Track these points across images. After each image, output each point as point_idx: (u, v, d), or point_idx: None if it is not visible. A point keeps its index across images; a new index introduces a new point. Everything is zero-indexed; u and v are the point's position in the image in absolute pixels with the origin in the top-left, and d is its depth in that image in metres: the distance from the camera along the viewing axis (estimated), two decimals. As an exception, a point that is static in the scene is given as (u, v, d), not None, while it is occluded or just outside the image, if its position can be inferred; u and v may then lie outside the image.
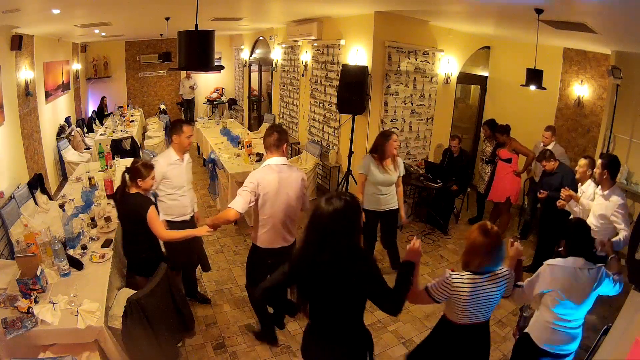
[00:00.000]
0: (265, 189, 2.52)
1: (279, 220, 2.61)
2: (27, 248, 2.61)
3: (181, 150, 3.06)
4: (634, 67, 4.08)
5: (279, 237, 2.66)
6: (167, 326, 2.51)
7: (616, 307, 3.43)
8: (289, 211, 2.62)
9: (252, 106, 10.29)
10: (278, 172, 2.56)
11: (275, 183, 2.54)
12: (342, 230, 1.61)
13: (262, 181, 2.52)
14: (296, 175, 2.64)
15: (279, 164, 2.59)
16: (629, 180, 4.35)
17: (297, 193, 2.62)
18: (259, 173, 2.55)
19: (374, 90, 4.90)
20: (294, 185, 2.61)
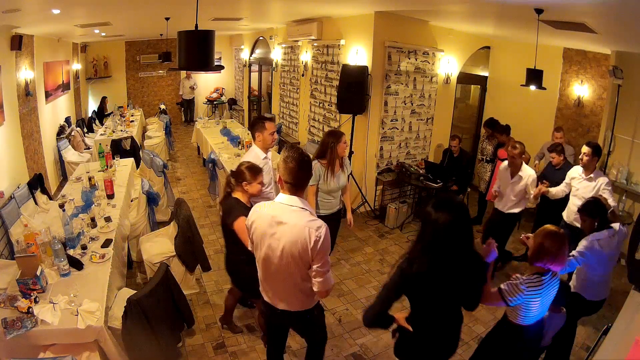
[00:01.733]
0: (255, 231, 1.87)
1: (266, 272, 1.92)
2: (27, 248, 2.61)
3: (265, 147, 3.04)
4: (634, 67, 4.09)
5: (273, 294, 1.96)
6: (167, 326, 2.51)
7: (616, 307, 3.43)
8: (282, 276, 1.86)
9: (252, 106, 10.29)
10: (272, 216, 1.79)
11: (261, 226, 1.82)
12: (460, 239, 1.62)
13: (255, 219, 1.86)
14: (301, 228, 1.73)
15: (288, 205, 1.79)
16: (629, 180, 4.35)
17: (297, 257, 1.77)
18: (256, 208, 1.89)
19: (374, 90, 4.90)
20: (294, 244, 1.75)
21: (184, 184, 6.52)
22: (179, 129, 10.63)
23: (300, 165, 1.76)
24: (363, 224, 5.15)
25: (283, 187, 1.81)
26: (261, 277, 1.95)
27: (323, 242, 1.73)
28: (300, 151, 1.80)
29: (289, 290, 1.90)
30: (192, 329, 3.03)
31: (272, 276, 1.88)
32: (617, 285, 3.96)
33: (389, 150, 5.33)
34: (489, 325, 3.28)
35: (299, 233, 1.73)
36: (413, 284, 1.70)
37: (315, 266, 1.77)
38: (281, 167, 1.79)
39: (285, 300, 1.93)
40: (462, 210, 1.64)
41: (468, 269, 1.67)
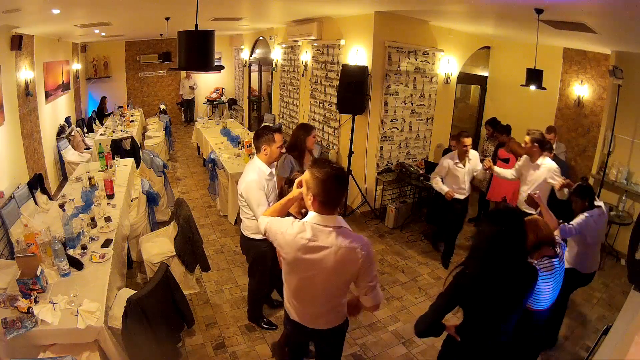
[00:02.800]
0: (284, 248, 1.70)
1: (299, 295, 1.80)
2: (27, 248, 2.61)
3: (270, 162, 2.69)
4: (634, 67, 4.09)
5: (306, 315, 1.84)
6: (167, 326, 2.51)
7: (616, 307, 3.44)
8: (323, 299, 1.77)
9: (252, 106, 10.29)
10: (308, 240, 1.63)
11: (297, 251, 1.65)
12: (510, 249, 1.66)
13: (285, 235, 1.68)
14: (346, 251, 1.61)
15: (320, 225, 1.63)
16: (629, 180, 4.35)
17: (343, 279, 1.70)
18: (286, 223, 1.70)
19: (374, 90, 4.90)
20: (339, 269, 1.64)
21: (184, 184, 6.52)
22: (179, 129, 10.63)
23: (337, 180, 1.60)
24: (363, 224, 5.15)
25: (314, 205, 1.63)
26: (294, 301, 1.81)
27: (370, 257, 1.65)
28: (334, 165, 1.63)
29: (327, 310, 1.79)
30: (192, 329, 3.03)
31: (310, 300, 1.77)
32: (617, 285, 3.96)
33: (389, 150, 5.33)
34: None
35: (345, 256, 1.61)
36: (467, 293, 1.74)
37: (366, 283, 1.69)
38: (313, 184, 1.60)
39: (320, 318, 1.82)
40: (513, 222, 1.67)
41: (519, 279, 1.71)
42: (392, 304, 3.55)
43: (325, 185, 1.58)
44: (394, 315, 3.39)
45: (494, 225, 1.67)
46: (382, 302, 2.00)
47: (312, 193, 1.62)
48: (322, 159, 1.70)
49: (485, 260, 1.67)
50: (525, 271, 1.73)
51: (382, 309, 3.45)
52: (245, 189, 2.56)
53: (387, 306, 3.51)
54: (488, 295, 1.69)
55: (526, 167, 3.57)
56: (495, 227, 1.67)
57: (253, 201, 2.53)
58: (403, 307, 3.50)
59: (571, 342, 3.08)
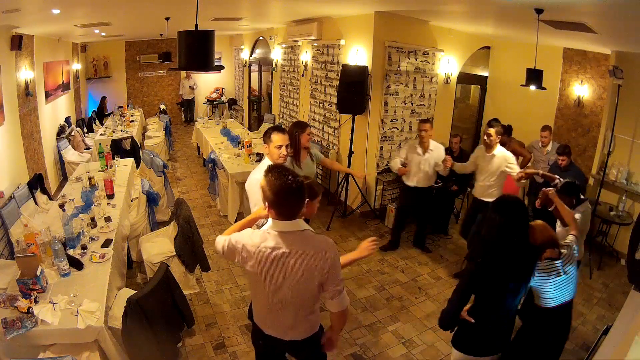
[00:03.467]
0: (248, 261, 1.62)
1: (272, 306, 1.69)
2: (27, 248, 2.62)
3: (274, 161, 2.55)
4: (634, 67, 4.09)
5: (282, 326, 1.74)
6: (167, 326, 2.52)
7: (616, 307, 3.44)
8: (295, 307, 1.68)
9: (252, 106, 10.29)
10: (272, 248, 1.58)
11: (262, 262, 1.59)
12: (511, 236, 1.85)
13: (247, 247, 1.62)
14: (313, 254, 1.58)
15: (282, 232, 1.58)
16: (629, 180, 4.35)
17: (313, 284, 1.62)
18: (246, 235, 1.66)
19: (374, 90, 4.90)
20: (308, 273, 1.58)
21: (184, 184, 6.52)
22: (179, 129, 10.63)
23: (292, 194, 1.52)
24: (363, 223, 5.15)
25: (271, 213, 1.57)
26: (264, 313, 1.73)
27: (336, 259, 1.62)
28: (290, 177, 1.52)
29: (300, 319, 1.71)
30: (192, 329, 3.03)
31: (281, 310, 1.68)
32: (617, 285, 3.97)
33: (389, 150, 5.33)
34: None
35: (312, 259, 1.56)
36: (481, 280, 1.90)
37: (333, 287, 1.63)
38: (268, 192, 1.53)
39: (296, 328, 1.73)
40: (517, 212, 1.86)
41: (523, 261, 1.90)
42: (392, 304, 3.55)
43: (279, 197, 1.52)
44: (394, 315, 3.39)
45: (501, 216, 1.85)
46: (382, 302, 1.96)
47: (267, 202, 1.57)
48: (279, 167, 1.59)
49: (495, 247, 1.85)
50: (528, 253, 1.94)
51: (382, 309, 3.45)
52: (248, 187, 2.53)
53: (387, 306, 3.51)
54: (499, 278, 1.85)
55: (482, 158, 3.75)
56: (502, 217, 1.84)
57: (251, 200, 2.48)
58: (403, 307, 3.50)
59: (571, 342, 3.08)
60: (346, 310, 1.74)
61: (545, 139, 4.52)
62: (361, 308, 3.47)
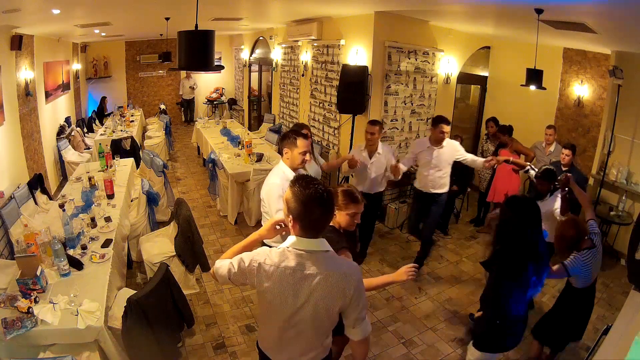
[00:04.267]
0: (265, 282, 1.47)
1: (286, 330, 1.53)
2: (27, 248, 2.61)
3: (294, 168, 2.51)
4: (634, 67, 4.09)
5: (285, 349, 1.59)
6: (167, 326, 2.52)
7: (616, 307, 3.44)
8: (310, 334, 1.53)
9: (252, 106, 10.29)
10: (293, 269, 1.43)
11: (282, 283, 1.44)
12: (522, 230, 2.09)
13: (264, 267, 1.46)
14: (338, 277, 1.43)
15: (306, 251, 1.44)
16: (629, 180, 4.35)
17: (333, 309, 1.46)
18: (262, 253, 1.50)
19: (374, 90, 4.90)
20: (330, 297, 1.43)
21: (184, 184, 6.52)
22: (179, 129, 10.63)
23: (322, 204, 1.38)
24: (363, 224, 5.14)
25: (295, 228, 1.43)
26: (275, 337, 1.57)
27: (361, 284, 1.49)
28: (319, 186, 1.40)
29: (312, 345, 1.56)
30: (192, 329, 3.03)
31: (295, 335, 1.52)
32: (617, 285, 3.96)
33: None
34: (489, 325, 3.28)
35: (336, 283, 1.42)
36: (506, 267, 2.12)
37: (356, 314, 1.49)
38: (293, 204, 1.40)
39: (306, 354, 1.58)
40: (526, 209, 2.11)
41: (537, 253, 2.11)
42: (392, 304, 3.55)
43: (308, 208, 1.38)
44: (394, 315, 3.39)
45: (511, 212, 2.12)
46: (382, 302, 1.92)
47: (292, 215, 1.42)
48: (306, 176, 1.46)
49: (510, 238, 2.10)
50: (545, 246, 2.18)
51: (382, 309, 3.45)
52: (267, 193, 2.42)
53: (387, 306, 3.50)
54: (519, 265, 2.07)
55: (428, 153, 3.74)
56: (512, 213, 2.11)
57: (273, 207, 2.37)
58: (403, 307, 3.50)
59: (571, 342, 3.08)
60: (368, 339, 1.59)
61: (550, 137, 4.51)
62: (361, 308, 3.47)
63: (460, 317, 3.38)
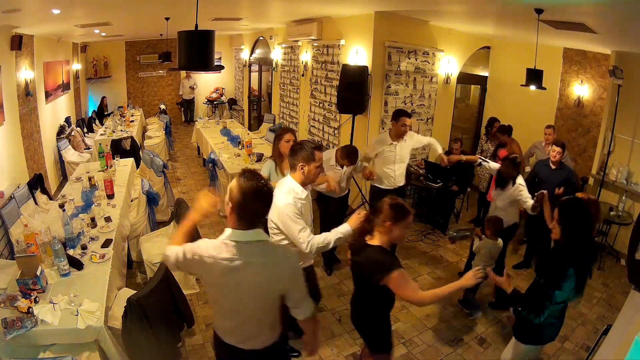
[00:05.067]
0: (206, 274, 1.59)
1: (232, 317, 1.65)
2: (27, 248, 2.62)
3: (305, 183, 2.31)
4: (634, 67, 4.09)
5: (241, 335, 1.68)
6: (167, 326, 2.51)
7: (616, 307, 3.44)
8: (256, 318, 1.64)
9: (252, 106, 10.29)
10: (230, 260, 1.51)
11: (221, 274, 1.53)
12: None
13: (204, 259, 1.54)
14: (275, 264, 1.56)
15: (246, 242, 1.53)
16: (629, 180, 4.35)
17: (274, 294, 1.60)
18: (202, 246, 1.57)
19: (374, 90, 4.90)
20: (269, 283, 1.56)
21: (184, 184, 6.52)
22: (179, 129, 10.63)
23: (260, 197, 1.49)
24: (363, 224, 5.14)
25: (231, 218, 1.53)
26: (224, 323, 1.69)
27: (297, 269, 1.61)
28: (263, 180, 1.51)
29: (259, 329, 1.67)
30: (192, 329, 3.03)
31: (241, 321, 1.63)
32: (617, 285, 3.96)
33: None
34: (489, 325, 3.28)
35: (272, 271, 1.54)
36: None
37: (295, 296, 1.63)
38: (235, 193, 1.49)
39: (257, 338, 1.68)
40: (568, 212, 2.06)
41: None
42: (392, 304, 3.54)
43: (247, 200, 1.47)
44: (394, 315, 3.36)
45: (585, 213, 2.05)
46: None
47: (232, 203, 1.51)
48: (252, 170, 1.55)
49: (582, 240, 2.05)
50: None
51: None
52: (280, 217, 2.19)
53: (387, 306, 3.50)
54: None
55: (390, 147, 3.70)
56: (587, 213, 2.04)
57: (294, 229, 2.16)
58: (403, 307, 3.50)
59: (571, 342, 3.08)
60: (312, 317, 1.72)
61: (549, 136, 4.49)
62: (361, 308, 3.47)
63: (461, 317, 3.38)
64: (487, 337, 3.17)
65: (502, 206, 3.44)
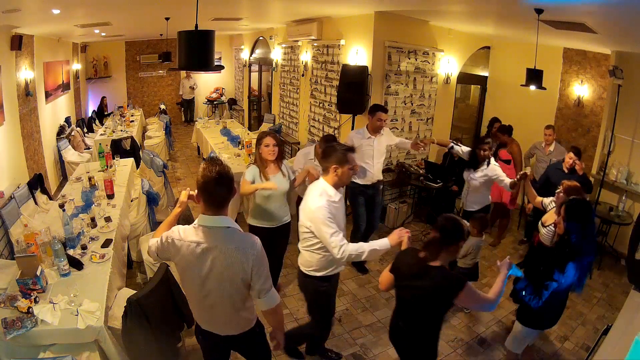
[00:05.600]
0: (176, 256, 1.68)
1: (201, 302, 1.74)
2: (27, 248, 2.62)
3: (338, 186, 2.27)
4: (634, 67, 4.09)
5: (215, 322, 1.80)
6: (167, 326, 2.51)
7: (616, 307, 3.44)
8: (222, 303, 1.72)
9: (252, 106, 10.29)
10: (196, 243, 1.63)
11: (187, 256, 1.64)
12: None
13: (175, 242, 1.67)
14: (234, 250, 1.61)
15: (212, 227, 1.64)
16: (629, 180, 4.35)
17: (237, 281, 1.65)
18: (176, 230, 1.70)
19: (374, 90, 4.90)
20: (230, 269, 1.63)
21: (184, 184, 6.52)
22: (179, 129, 10.63)
23: (218, 182, 1.58)
24: (363, 224, 5.14)
25: (200, 204, 1.66)
26: (196, 308, 1.79)
27: (261, 258, 1.64)
28: (220, 166, 1.60)
29: (230, 314, 1.74)
30: (192, 329, 3.01)
31: (211, 306, 1.71)
32: (617, 285, 3.97)
33: (389, 150, 5.32)
34: (489, 325, 3.28)
35: (234, 256, 1.60)
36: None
37: (259, 285, 1.66)
38: (200, 181, 1.60)
39: (229, 324, 1.78)
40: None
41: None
42: (392, 303, 3.51)
43: (208, 185, 1.59)
44: (394, 315, 3.38)
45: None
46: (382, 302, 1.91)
47: (198, 190, 1.65)
48: (212, 158, 1.68)
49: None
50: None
51: (382, 309, 3.45)
52: (314, 220, 2.15)
53: (387, 306, 3.50)
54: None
55: (368, 141, 3.71)
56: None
57: (325, 234, 2.11)
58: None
59: (571, 342, 3.08)
60: (277, 309, 1.76)
61: (549, 137, 4.51)
62: (361, 308, 3.47)
63: (460, 317, 3.38)
64: (487, 337, 3.17)
65: (476, 187, 3.57)
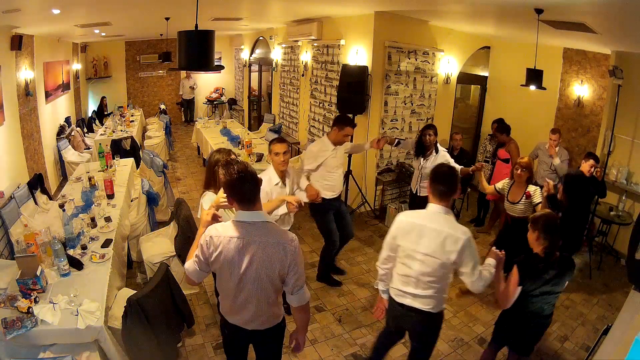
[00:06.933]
0: (214, 252, 1.68)
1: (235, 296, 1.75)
2: (27, 248, 2.62)
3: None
4: (634, 67, 4.08)
5: (237, 313, 1.80)
6: (167, 326, 2.52)
7: (616, 307, 3.44)
8: (257, 297, 1.72)
9: (252, 106, 10.30)
10: (235, 238, 1.65)
11: (225, 250, 1.65)
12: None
13: (213, 239, 1.67)
14: (275, 245, 1.64)
15: (251, 222, 1.66)
16: (629, 180, 4.35)
17: (274, 275, 1.67)
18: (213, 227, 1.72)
19: (374, 90, 4.90)
20: (270, 263, 1.65)
21: (184, 184, 6.52)
22: (179, 129, 10.63)
23: (242, 180, 1.62)
24: (363, 224, 5.14)
25: (234, 205, 1.69)
26: (228, 302, 1.78)
27: (298, 253, 1.68)
28: (237, 165, 1.66)
29: (262, 309, 1.75)
30: (192, 329, 3.03)
31: (244, 300, 1.73)
32: (617, 285, 3.96)
33: (389, 150, 5.33)
34: (489, 325, 3.28)
35: (273, 251, 1.63)
36: None
37: (293, 280, 1.70)
38: (225, 186, 1.67)
39: (258, 319, 1.79)
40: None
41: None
42: (392, 304, 3.54)
43: (234, 186, 1.64)
44: (394, 315, 3.38)
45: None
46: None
47: (226, 192, 1.69)
48: (229, 161, 1.79)
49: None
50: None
51: (382, 309, 3.44)
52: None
53: (387, 306, 3.50)
54: None
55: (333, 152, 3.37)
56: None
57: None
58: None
59: (571, 342, 3.08)
60: (307, 306, 1.81)
61: (554, 142, 4.32)
62: (361, 308, 3.47)
63: (460, 317, 3.38)
64: (487, 337, 3.16)
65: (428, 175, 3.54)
